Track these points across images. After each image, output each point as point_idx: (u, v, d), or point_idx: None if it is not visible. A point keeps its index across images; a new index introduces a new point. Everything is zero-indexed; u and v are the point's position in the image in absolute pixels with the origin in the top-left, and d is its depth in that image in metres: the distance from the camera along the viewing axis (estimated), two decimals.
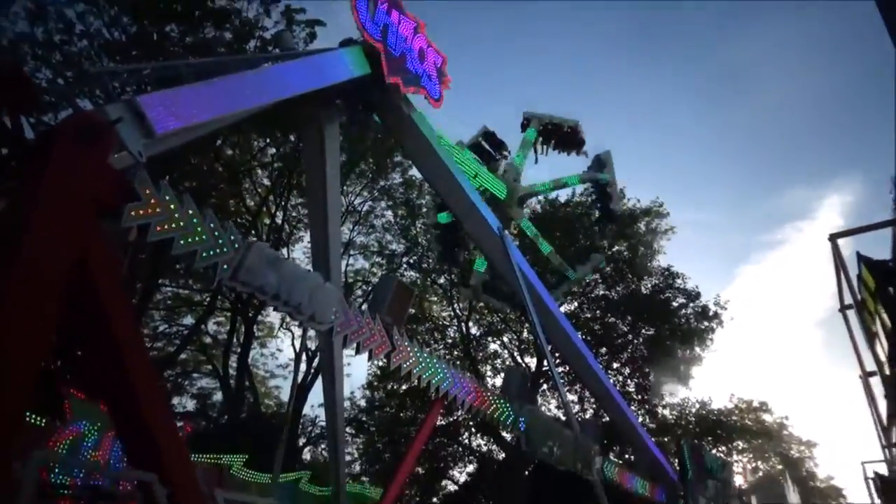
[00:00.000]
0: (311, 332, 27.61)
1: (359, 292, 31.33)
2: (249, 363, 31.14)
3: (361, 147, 26.74)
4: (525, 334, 33.66)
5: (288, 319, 33.21)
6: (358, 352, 7.81)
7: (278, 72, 8.35)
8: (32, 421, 8.88)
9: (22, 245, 4.42)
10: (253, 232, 26.55)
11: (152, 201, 5.44)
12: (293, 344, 31.57)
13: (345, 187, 28.01)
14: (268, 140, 25.75)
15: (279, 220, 29.18)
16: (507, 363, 34.43)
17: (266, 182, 29.73)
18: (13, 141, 5.06)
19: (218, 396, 31.11)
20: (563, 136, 18.43)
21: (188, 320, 30.35)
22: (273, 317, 33.50)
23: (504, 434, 32.45)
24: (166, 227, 5.53)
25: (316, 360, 29.41)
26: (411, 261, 33.04)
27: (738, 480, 25.08)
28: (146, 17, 20.92)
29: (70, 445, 9.66)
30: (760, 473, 36.96)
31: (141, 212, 5.31)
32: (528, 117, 18.34)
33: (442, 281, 33.97)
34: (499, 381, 29.86)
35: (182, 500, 5.16)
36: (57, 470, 6.45)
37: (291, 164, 26.31)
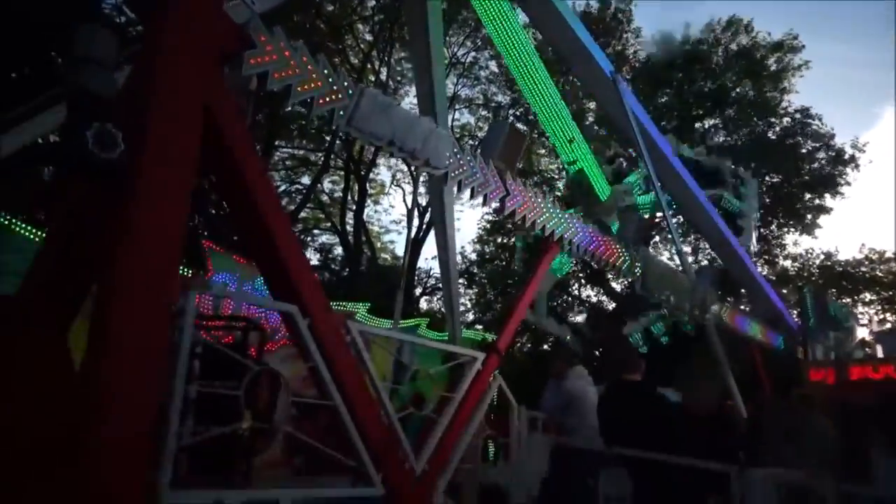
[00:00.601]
0: (422, 189, 28.42)
1: (467, 147, 31.33)
2: (365, 219, 32.62)
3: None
4: None
5: (399, 176, 34.08)
6: (472, 196, 7.90)
7: None
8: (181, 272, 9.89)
9: (155, 92, 4.66)
10: None
11: (268, 48, 5.51)
12: (404, 200, 32.57)
13: (447, 37, 27.10)
14: None
15: (383, 77, 29.04)
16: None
17: (368, 37, 29.36)
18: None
19: (338, 251, 33.11)
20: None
21: (305, 180, 31.81)
22: (384, 174, 34.46)
23: (615, 284, 32.69)
24: (283, 74, 5.63)
25: (427, 215, 30.29)
26: (517, 113, 32.25)
27: (863, 332, 24.20)
28: None
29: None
30: (888, 325, 35.41)
31: (259, 59, 5.41)
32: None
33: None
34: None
35: (320, 326, 5.64)
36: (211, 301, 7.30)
37: (393, 15, 25.63)
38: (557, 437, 8.57)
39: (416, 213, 30.30)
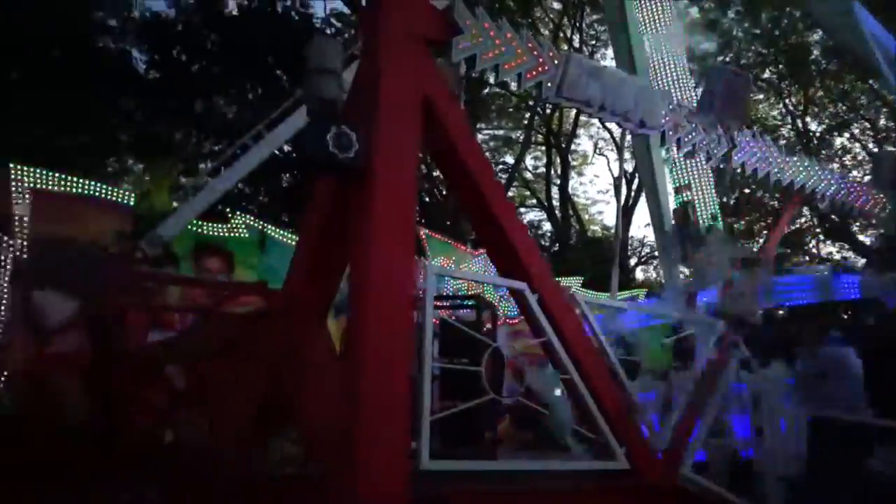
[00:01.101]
0: (627, 155, 27.20)
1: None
2: (570, 192, 32.22)
3: None
4: (883, 121, 28.24)
5: (601, 145, 33.09)
6: (692, 155, 7.36)
7: None
8: None
9: (379, 89, 4.97)
10: None
11: (473, 31, 5.59)
12: (609, 169, 31.57)
13: None
14: None
15: (577, 43, 28.28)
16: (861, 158, 29.60)
17: (556, 5, 28.78)
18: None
19: (547, 227, 33.11)
20: None
21: (508, 159, 32.22)
22: (585, 144, 33.64)
23: (863, 238, 28.70)
24: (490, 54, 5.68)
25: (636, 182, 29.07)
26: (727, 59, 29.46)
27: None
28: None
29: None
30: None
31: (466, 44, 5.51)
32: None
33: (767, 75, 29.85)
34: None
35: (550, 301, 5.66)
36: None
37: None
38: (818, 409, 7.71)
39: (623, 180, 29.23)
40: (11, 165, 12.03)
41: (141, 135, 22.65)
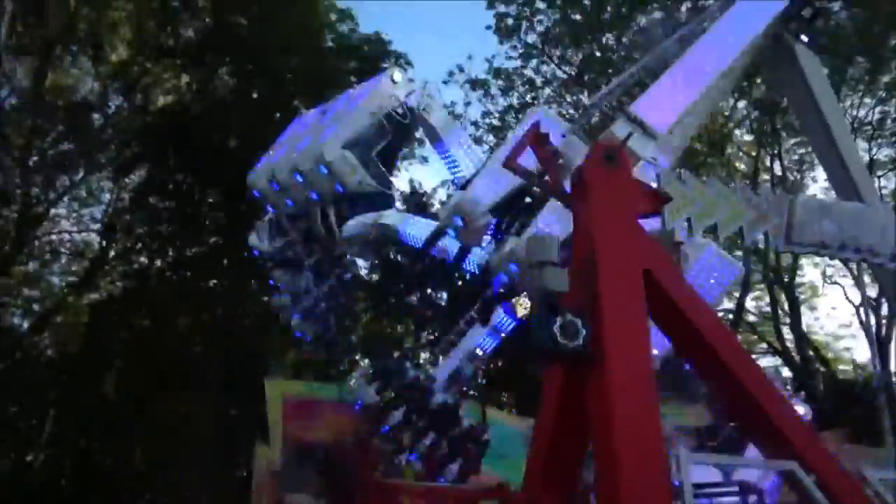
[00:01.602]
0: (867, 278, 23.85)
1: None
2: (805, 330, 28.69)
3: (842, 50, 22.60)
4: None
5: (830, 273, 29.63)
6: None
7: (734, 16, 7.72)
8: None
9: (599, 273, 4.95)
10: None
11: (683, 197, 5.50)
12: (847, 298, 27.86)
13: (840, 102, 23.93)
14: (734, 94, 24.17)
15: (778, 170, 26.76)
16: None
17: (748, 137, 27.84)
18: (558, 192, 5.84)
19: (786, 373, 29.38)
20: None
21: (726, 303, 30.00)
22: (811, 275, 30.38)
23: None
24: (705, 215, 5.51)
25: (884, 308, 25.23)
26: None
27: None
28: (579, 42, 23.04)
29: None
30: None
31: (678, 210, 5.42)
32: None
33: None
34: None
35: (831, 482, 4.80)
36: None
37: (770, 107, 24.01)
38: None
39: (867, 309, 25.59)
40: (266, 381, 13.77)
41: (368, 333, 24.75)
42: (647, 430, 4.50)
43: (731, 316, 27.71)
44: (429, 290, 22.70)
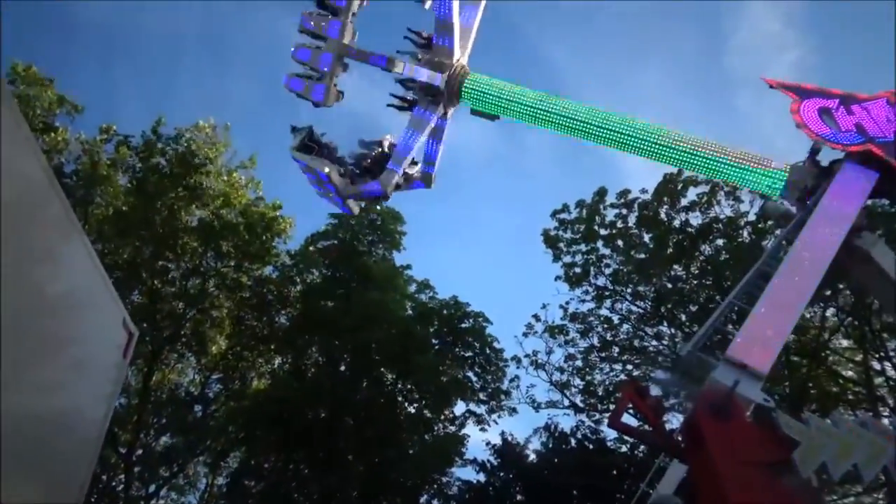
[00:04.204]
0: None
1: None
2: None
3: None
4: None
5: None
6: None
7: (813, 235, 7.91)
8: None
9: None
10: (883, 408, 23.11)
11: (811, 439, 5.18)
12: None
13: None
14: (821, 304, 23.67)
15: (891, 373, 24.86)
16: None
17: (845, 343, 26.47)
18: (669, 445, 5.63)
19: None
20: None
21: None
22: None
23: None
24: (842, 456, 5.12)
25: None
26: None
27: None
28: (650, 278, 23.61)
29: None
30: None
31: (810, 455, 5.07)
32: None
33: None
34: None
35: None
36: None
37: (861, 309, 23.18)
38: None
39: None
40: None
41: None
42: None
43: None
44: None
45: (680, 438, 5.89)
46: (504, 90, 11.23)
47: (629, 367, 25.51)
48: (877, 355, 25.16)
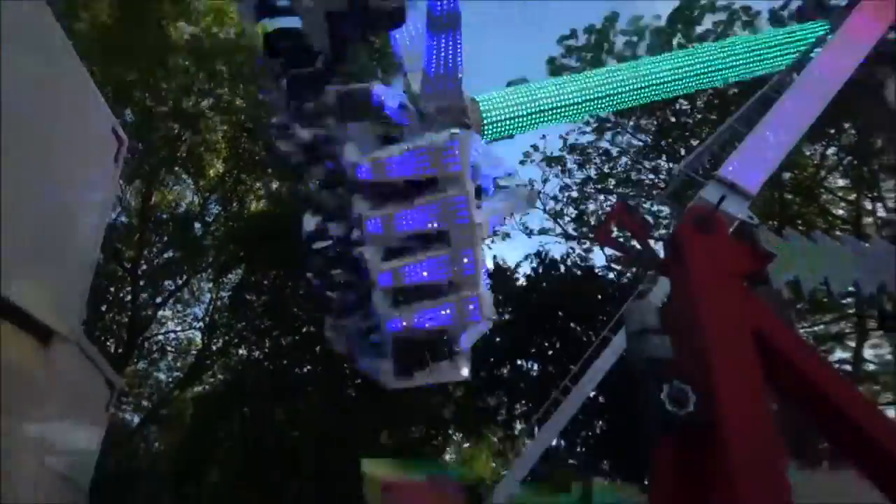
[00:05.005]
0: None
1: None
2: None
3: None
4: None
5: None
6: None
7: (823, 62, 7.60)
8: None
9: (706, 337, 4.84)
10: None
11: (787, 253, 5.36)
12: None
13: None
14: (823, 141, 23.46)
15: (882, 212, 25.35)
16: None
17: (841, 182, 26.70)
18: (652, 261, 5.84)
19: None
20: None
21: (839, 354, 28.04)
22: None
23: None
24: (814, 270, 5.34)
25: None
26: None
27: None
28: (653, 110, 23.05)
29: None
30: None
31: (784, 268, 5.28)
32: None
33: None
34: None
35: None
36: None
37: (862, 150, 23.08)
38: None
39: None
40: (362, 459, 13.86)
41: (461, 409, 24.60)
42: (773, 495, 4.26)
43: (848, 367, 25.85)
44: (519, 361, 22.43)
45: (663, 253, 6.06)
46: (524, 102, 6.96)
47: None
48: (870, 195, 25.47)
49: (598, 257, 30.02)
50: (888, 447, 4.78)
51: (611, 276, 24.65)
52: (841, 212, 26.45)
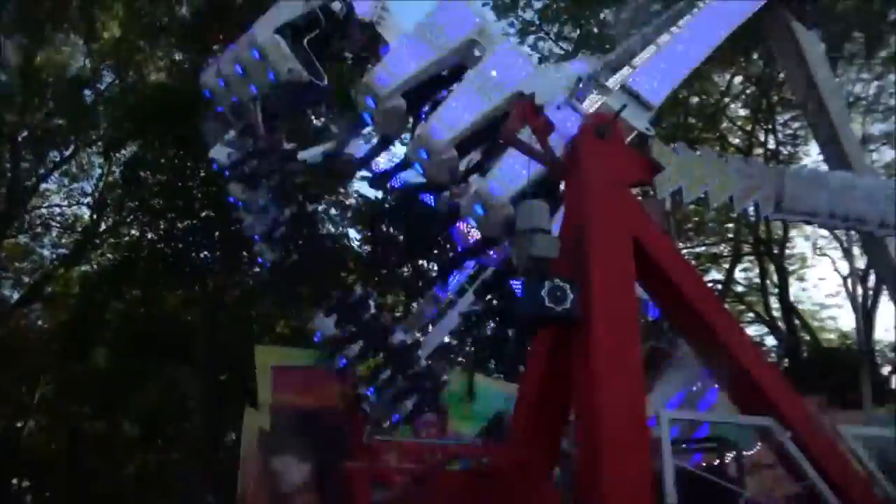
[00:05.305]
0: (856, 250, 24.13)
1: None
2: (792, 301, 29.12)
3: (840, 25, 22.58)
4: None
5: (821, 245, 29.99)
6: None
7: None
8: None
9: (589, 239, 5.05)
10: None
11: (675, 166, 5.58)
12: (836, 269, 28.17)
13: (836, 78, 23.98)
14: (732, 70, 24.19)
15: (772, 144, 26.88)
16: None
17: (742, 112, 27.90)
18: (551, 162, 5.89)
19: (770, 342, 29.88)
20: None
21: (715, 275, 30.29)
22: (801, 247, 30.73)
23: None
24: (696, 184, 5.61)
25: (871, 279, 25.58)
26: None
27: None
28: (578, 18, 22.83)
29: None
30: None
31: (670, 179, 5.51)
32: None
33: None
34: None
35: (806, 437, 5.00)
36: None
37: (765, 82, 24.06)
38: None
39: (855, 280, 25.86)
40: (256, 347, 13.91)
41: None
42: (630, 388, 4.65)
43: (720, 286, 28.08)
44: (420, 261, 22.77)
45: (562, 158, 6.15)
46: None
47: None
48: (765, 127, 26.87)
49: None
50: (737, 353, 5.25)
51: None
52: (737, 141, 27.76)
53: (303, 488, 12.20)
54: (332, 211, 24.26)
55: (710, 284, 29.63)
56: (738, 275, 30.88)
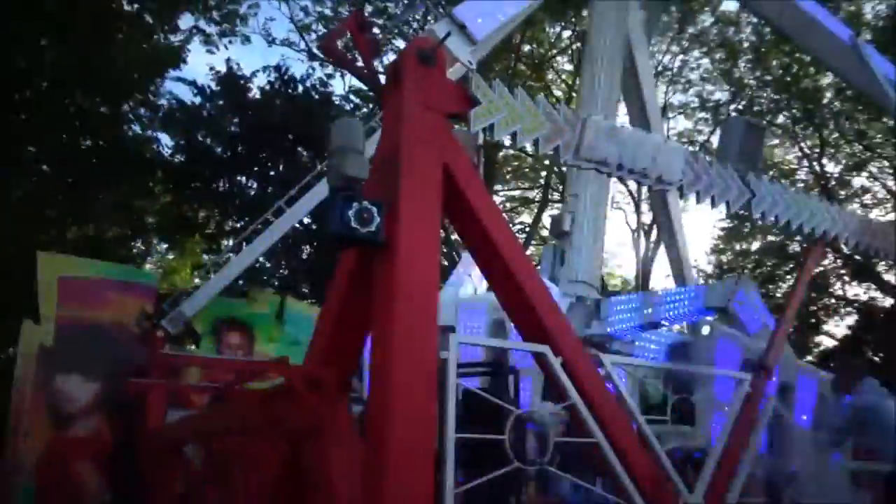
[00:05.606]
0: (645, 207, 26.86)
1: (701, 155, 29.79)
2: None
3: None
4: None
5: (617, 199, 33.10)
6: (714, 205, 7.38)
7: None
8: None
9: (399, 163, 5.09)
10: None
11: (491, 102, 5.75)
12: (627, 222, 31.52)
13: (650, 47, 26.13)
14: (562, 23, 25.29)
15: None
16: (880, 197, 29.45)
17: (568, 67, 29.51)
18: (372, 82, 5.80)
19: None
20: None
21: (525, 218, 32.40)
22: None
23: (889, 277, 28.20)
24: (508, 122, 5.83)
25: (654, 233, 28.97)
26: (740, 107, 29.78)
27: None
28: None
29: None
30: None
31: (484, 115, 5.67)
32: None
33: (781, 120, 30.05)
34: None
35: (574, 364, 5.60)
36: None
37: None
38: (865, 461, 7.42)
39: (640, 233, 29.19)
40: (39, 254, 12.38)
41: (166, 216, 23.27)
42: (423, 308, 4.85)
43: (527, 230, 30.10)
44: (238, 177, 21.72)
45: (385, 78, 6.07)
46: None
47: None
48: None
49: (339, 84, 29.22)
50: (523, 283, 5.65)
51: (348, 107, 24.53)
52: (560, 93, 29.41)
53: (88, 409, 11.33)
54: (142, 110, 22.03)
55: (519, 226, 31.69)
56: (546, 220, 33.36)
